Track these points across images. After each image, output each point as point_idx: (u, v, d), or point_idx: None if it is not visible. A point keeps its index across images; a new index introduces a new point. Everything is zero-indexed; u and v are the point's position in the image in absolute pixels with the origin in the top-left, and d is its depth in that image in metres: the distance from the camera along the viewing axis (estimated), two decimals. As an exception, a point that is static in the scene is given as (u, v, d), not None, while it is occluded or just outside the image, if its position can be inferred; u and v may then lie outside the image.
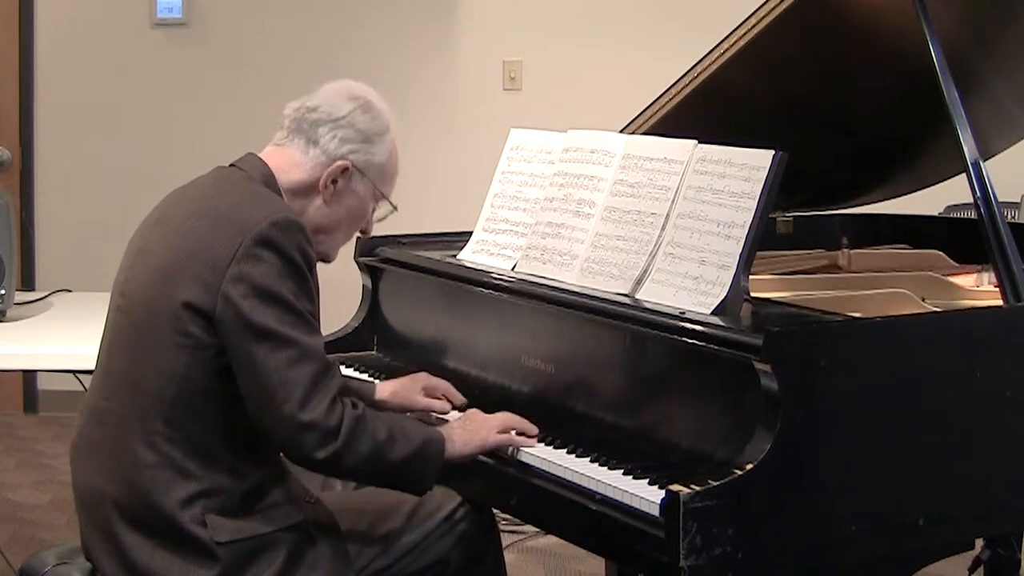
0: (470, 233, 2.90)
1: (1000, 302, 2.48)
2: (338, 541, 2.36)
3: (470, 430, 2.37)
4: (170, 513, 2.21)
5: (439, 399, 2.61)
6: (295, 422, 2.16)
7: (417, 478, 2.30)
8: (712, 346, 2.22)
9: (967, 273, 3.07)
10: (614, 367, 2.43)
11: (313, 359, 2.19)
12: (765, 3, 2.77)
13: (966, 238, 3.06)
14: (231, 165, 2.39)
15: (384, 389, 2.62)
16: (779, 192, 2.37)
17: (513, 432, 2.40)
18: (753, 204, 2.36)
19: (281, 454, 2.32)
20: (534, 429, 2.42)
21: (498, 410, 2.46)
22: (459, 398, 2.62)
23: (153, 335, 2.23)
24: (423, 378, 2.64)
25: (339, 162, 2.36)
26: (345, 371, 2.82)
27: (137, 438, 2.23)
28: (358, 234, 2.50)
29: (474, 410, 2.47)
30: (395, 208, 2.46)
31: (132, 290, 2.31)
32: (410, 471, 2.28)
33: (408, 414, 2.55)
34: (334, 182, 2.37)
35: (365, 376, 2.84)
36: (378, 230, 2.55)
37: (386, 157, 2.42)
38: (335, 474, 2.42)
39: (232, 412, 2.22)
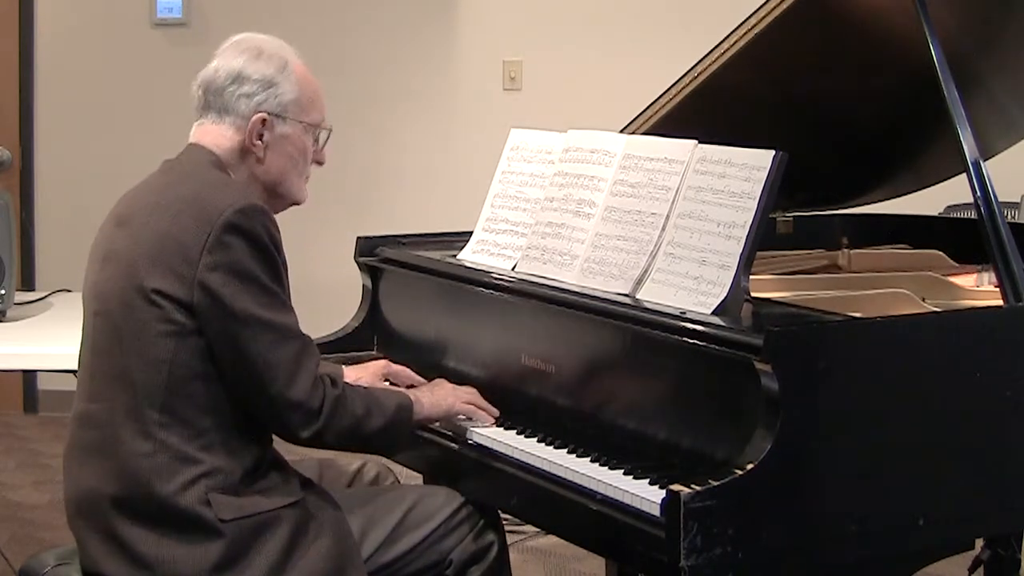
0: (470, 233, 2.90)
1: (1000, 302, 2.48)
2: (340, 517, 2.37)
3: (438, 395, 2.53)
4: (172, 498, 2.22)
5: (401, 387, 2.66)
6: (282, 401, 2.25)
7: (391, 443, 2.47)
8: (712, 346, 2.22)
9: (967, 273, 3.06)
10: (614, 367, 2.43)
11: (293, 338, 2.27)
12: (765, 3, 2.77)
13: (966, 238, 3.06)
14: (177, 158, 2.44)
15: (349, 375, 2.68)
16: (779, 192, 2.37)
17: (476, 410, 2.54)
18: (753, 204, 2.35)
19: (272, 444, 2.37)
20: (495, 412, 2.55)
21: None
22: (420, 381, 2.70)
23: (136, 328, 2.26)
24: (383, 366, 2.74)
25: (253, 117, 2.39)
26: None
27: (131, 431, 2.25)
28: (314, 165, 2.49)
29: (442, 379, 2.60)
30: (330, 129, 2.48)
31: (106, 292, 2.33)
32: (385, 438, 2.42)
33: None
34: (260, 137, 2.40)
35: None
36: (378, 230, 2.55)
37: (296, 90, 2.43)
38: (317, 448, 2.47)
39: (223, 393, 2.26)
